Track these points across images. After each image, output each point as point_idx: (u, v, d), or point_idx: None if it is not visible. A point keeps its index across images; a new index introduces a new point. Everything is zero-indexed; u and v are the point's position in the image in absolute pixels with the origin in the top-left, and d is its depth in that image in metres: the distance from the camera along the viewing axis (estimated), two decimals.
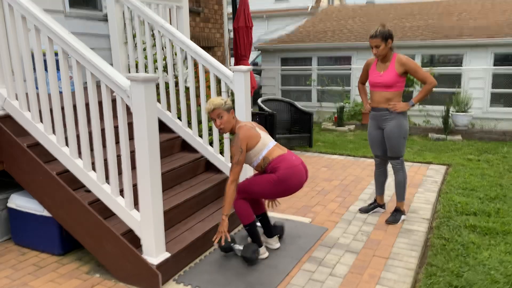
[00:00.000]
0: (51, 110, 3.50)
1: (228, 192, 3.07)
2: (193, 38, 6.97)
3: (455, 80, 9.43)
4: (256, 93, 12.28)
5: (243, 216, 3.24)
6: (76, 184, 3.31)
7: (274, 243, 3.49)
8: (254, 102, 10.98)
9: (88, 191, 3.28)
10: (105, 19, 5.13)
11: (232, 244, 3.33)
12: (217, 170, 4.37)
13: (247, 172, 4.11)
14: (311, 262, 3.30)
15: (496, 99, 9.18)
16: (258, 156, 3.17)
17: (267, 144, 3.20)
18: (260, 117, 6.66)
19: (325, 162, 6.33)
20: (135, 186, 3.39)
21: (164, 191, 3.79)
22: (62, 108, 3.57)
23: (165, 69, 4.64)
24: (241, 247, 3.28)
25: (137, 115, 2.75)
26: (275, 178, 3.11)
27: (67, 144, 3.43)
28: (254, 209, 3.44)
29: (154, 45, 4.72)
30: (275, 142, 3.28)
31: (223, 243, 3.15)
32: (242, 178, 4.12)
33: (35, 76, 3.94)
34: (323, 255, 3.41)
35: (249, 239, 3.48)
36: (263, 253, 3.32)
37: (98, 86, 4.61)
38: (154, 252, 2.92)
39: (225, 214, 3.11)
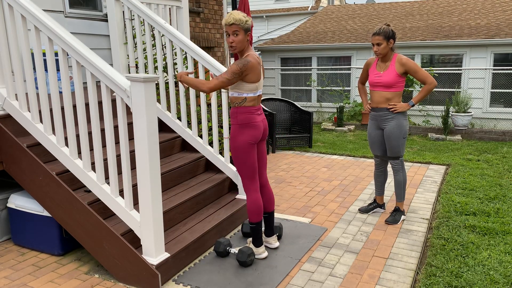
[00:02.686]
0: (51, 110, 3.50)
1: (198, 83, 2.97)
2: (193, 38, 6.97)
3: (455, 80, 9.43)
4: None
5: (253, 214, 3.21)
6: (76, 184, 3.31)
7: (273, 242, 3.49)
8: None
9: (88, 191, 3.29)
10: (105, 19, 5.14)
11: (228, 249, 3.34)
12: (217, 170, 4.37)
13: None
14: (311, 262, 3.31)
15: (495, 99, 9.19)
16: (241, 92, 3.06)
17: (255, 90, 3.10)
18: None
19: (325, 162, 6.34)
20: (135, 186, 3.40)
21: (164, 191, 3.80)
22: (62, 108, 3.58)
23: (165, 69, 4.64)
24: (236, 251, 3.28)
25: (137, 115, 2.75)
26: (235, 127, 3.10)
27: (67, 144, 3.44)
28: (265, 206, 3.43)
29: (154, 45, 4.73)
30: (261, 92, 3.22)
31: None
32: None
33: (35, 76, 3.95)
34: (322, 255, 3.41)
35: (249, 240, 3.48)
36: (262, 252, 3.32)
37: (98, 86, 4.64)
38: (154, 252, 2.92)
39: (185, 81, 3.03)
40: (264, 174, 3.41)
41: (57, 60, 4.14)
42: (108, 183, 3.21)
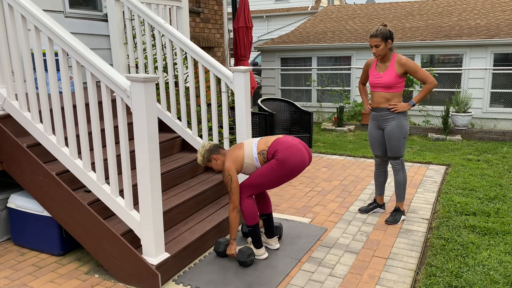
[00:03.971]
0: (51, 110, 3.50)
1: (231, 219, 3.18)
2: (193, 38, 6.98)
3: (455, 80, 9.44)
4: (256, 93, 12.29)
5: (248, 217, 3.22)
6: (76, 184, 3.31)
7: (274, 243, 3.49)
8: (254, 102, 11.01)
9: (88, 191, 3.29)
10: (105, 19, 5.14)
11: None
12: None
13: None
14: (311, 262, 3.31)
15: (495, 99, 9.19)
16: (254, 157, 3.17)
17: (252, 143, 3.19)
18: (260, 117, 6.66)
19: (325, 162, 6.34)
20: (135, 186, 3.40)
21: (164, 191, 3.80)
22: (62, 108, 3.58)
23: (165, 69, 4.64)
24: (236, 251, 3.28)
25: (137, 115, 2.75)
26: (275, 162, 3.08)
27: (67, 144, 3.44)
28: (261, 208, 3.44)
29: (154, 45, 4.73)
30: (259, 138, 3.26)
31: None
32: (241, 179, 4.12)
33: (35, 76, 3.95)
34: (322, 255, 3.41)
35: (249, 240, 3.48)
36: (263, 253, 3.32)
37: (98, 86, 4.64)
38: (154, 252, 2.92)
39: (233, 239, 3.25)
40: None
41: (57, 60, 4.14)
42: (108, 183, 3.21)
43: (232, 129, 5.80)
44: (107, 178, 3.45)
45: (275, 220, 4.09)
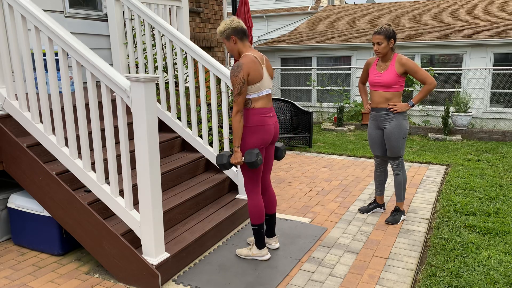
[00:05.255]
0: (51, 110, 3.50)
1: (235, 124, 2.98)
2: (193, 38, 6.98)
3: (455, 80, 9.44)
4: None
5: (255, 216, 3.20)
6: (76, 184, 3.31)
7: (274, 243, 3.49)
8: None
9: (88, 191, 3.29)
10: (105, 19, 5.14)
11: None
12: (217, 170, 4.37)
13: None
14: (311, 262, 3.31)
15: (495, 99, 9.19)
16: (247, 95, 3.05)
17: (261, 90, 3.07)
18: None
19: (325, 162, 6.34)
20: (135, 186, 3.40)
21: (164, 191, 3.80)
22: (62, 108, 3.58)
23: (165, 69, 4.64)
24: (242, 158, 3.11)
25: (137, 115, 2.75)
26: (246, 129, 3.05)
27: (67, 144, 3.44)
28: (266, 208, 3.42)
29: (154, 45, 4.73)
30: (269, 91, 3.17)
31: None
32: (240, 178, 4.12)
33: (35, 76, 3.95)
34: (322, 255, 3.41)
35: (251, 239, 3.47)
36: (265, 254, 3.31)
37: (98, 86, 4.64)
38: (154, 252, 2.92)
39: (237, 146, 3.04)
40: (268, 177, 3.39)
41: (57, 60, 4.14)
42: (108, 183, 3.21)
43: (232, 129, 5.81)
44: (107, 178, 3.45)
45: (277, 216, 4.09)
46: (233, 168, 4.16)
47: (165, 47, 4.54)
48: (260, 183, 3.22)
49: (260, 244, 3.30)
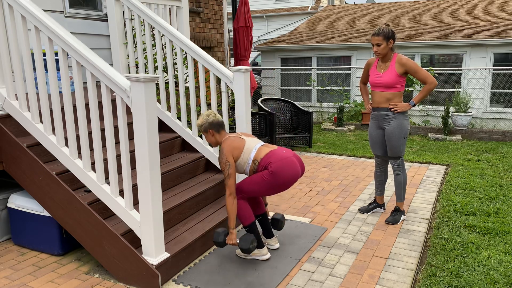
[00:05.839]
0: (51, 110, 3.50)
1: (228, 207, 3.12)
2: (193, 38, 6.97)
3: (455, 80, 9.44)
4: (256, 93, 12.29)
5: (243, 217, 3.24)
6: (76, 184, 3.31)
7: (273, 243, 3.49)
8: (254, 102, 11.01)
9: (88, 191, 3.29)
10: (105, 19, 5.14)
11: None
12: (217, 170, 4.37)
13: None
14: (311, 262, 3.31)
15: (495, 99, 9.19)
16: (248, 162, 3.18)
17: (253, 148, 3.20)
18: (260, 117, 6.66)
19: (325, 162, 6.34)
20: (135, 186, 3.40)
21: (164, 191, 3.80)
22: (62, 108, 3.58)
23: (165, 69, 4.64)
24: (238, 240, 3.25)
25: (137, 115, 2.75)
26: (268, 173, 3.10)
27: (67, 144, 3.44)
28: (254, 209, 3.44)
29: (154, 45, 4.72)
30: (262, 143, 3.27)
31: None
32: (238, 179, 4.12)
33: (35, 76, 3.95)
34: (322, 255, 3.41)
35: None
36: (265, 253, 3.31)
37: (98, 86, 4.64)
38: (154, 252, 2.92)
39: (232, 228, 3.17)
40: None
41: (57, 60, 4.14)
42: (108, 183, 3.21)
43: (232, 129, 5.80)
44: (107, 178, 3.45)
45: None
46: None
47: (165, 47, 4.54)
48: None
49: (258, 244, 3.30)
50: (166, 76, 4.77)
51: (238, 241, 3.17)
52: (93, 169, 3.39)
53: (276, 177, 3.09)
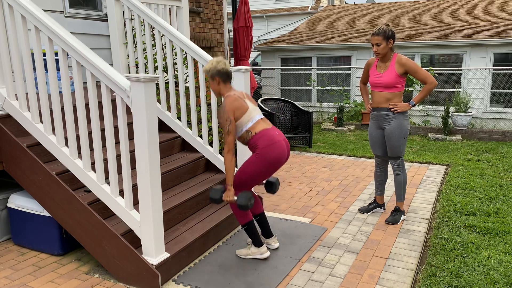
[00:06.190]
0: (51, 110, 3.50)
1: (227, 163, 3.05)
2: (193, 38, 6.97)
3: (455, 80, 9.44)
4: (256, 93, 12.29)
5: (240, 216, 3.24)
6: (76, 184, 3.31)
7: (273, 243, 3.49)
8: None
9: (88, 191, 3.29)
10: (105, 19, 5.14)
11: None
12: (217, 170, 4.37)
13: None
14: (311, 262, 3.31)
15: (495, 99, 9.19)
16: (243, 128, 3.15)
17: (252, 118, 3.16)
18: None
19: (325, 162, 6.34)
20: (135, 186, 3.40)
21: (164, 191, 3.80)
22: (62, 108, 3.58)
23: (165, 69, 4.64)
24: (234, 197, 3.17)
25: (137, 115, 2.75)
26: (255, 156, 3.11)
27: (67, 144, 3.44)
28: (252, 209, 3.43)
29: (154, 45, 4.72)
30: (262, 116, 3.25)
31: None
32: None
33: (35, 76, 3.95)
34: (322, 255, 3.41)
35: (248, 240, 3.47)
36: (265, 252, 3.31)
37: (98, 86, 4.64)
38: (154, 252, 2.92)
39: (230, 184, 3.11)
40: None
41: (57, 60, 4.14)
42: (108, 183, 3.21)
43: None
44: (107, 178, 3.45)
45: (275, 219, 4.09)
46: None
47: (165, 47, 4.54)
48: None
49: (257, 243, 3.30)
50: (166, 76, 4.78)
51: (235, 198, 3.12)
52: (93, 169, 3.39)
53: (263, 160, 3.09)
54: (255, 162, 3.11)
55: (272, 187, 3.42)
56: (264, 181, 3.46)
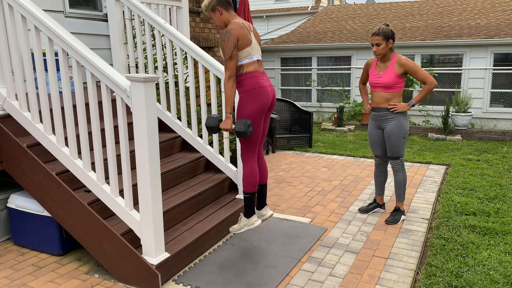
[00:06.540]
0: (51, 110, 3.50)
1: (228, 90, 2.97)
2: (193, 38, 6.97)
3: (455, 80, 9.44)
4: None
5: (250, 184, 3.19)
6: (76, 184, 3.31)
7: (266, 212, 3.47)
8: None
9: (88, 191, 3.29)
10: (105, 19, 5.14)
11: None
12: (217, 170, 4.37)
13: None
14: (311, 262, 3.31)
15: (495, 99, 9.19)
16: (238, 61, 3.07)
17: (251, 55, 3.09)
18: None
19: (325, 162, 6.34)
20: (135, 186, 3.40)
21: (164, 191, 3.80)
22: (62, 108, 3.58)
23: (165, 69, 4.64)
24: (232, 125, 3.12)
25: (137, 115, 2.75)
26: (242, 96, 3.06)
27: (67, 144, 3.44)
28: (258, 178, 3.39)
29: (154, 45, 4.73)
30: (259, 57, 3.19)
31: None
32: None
33: (35, 76, 3.95)
34: (322, 255, 3.41)
35: (241, 215, 3.44)
36: (255, 221, 3.29)
37: (98, 86, 4.64)
38: (154, 252, 2.92)
39: (229, 112, 3.03)
40: (261, 146, 3.41)
41: (57, 60, 4.14)
42: (108, 183, 3.21)
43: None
44: (107, 178, 3.45)
45: (276, 219, 4.09)
46: (233, 168, 4.16)
47: (165, 47, 4.54)
48: (256, 152, 3.22)
49: (249, 213, 3.28)
50: (166, 76, 4.78)
51: (233, 126, 3.06)
52: (93, 169, 3.39)
53: (249, 97, 3.04)
54: (244, 100, 3.05)
55: (271, 123, 3.37)
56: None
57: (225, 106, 3.03)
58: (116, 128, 3.83)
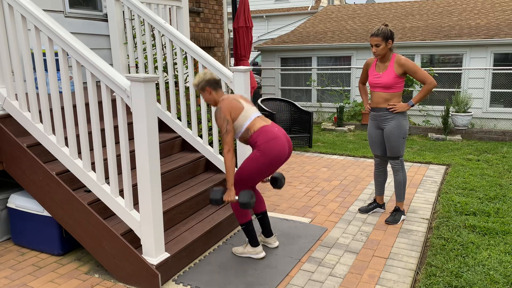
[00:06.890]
0: (51, 110, 3.50)
1: (227, 163, 3.04)
2: (193, 38, 6.97)
3: (455, 80, 9.44)
4: (256, 93, 12.29)
5: (240, 214, 3.23)
6: (76, 184, 3.31)
7: (273, 242, 3.49)
8: (254, 102, 11.00)
9: (88, 191, 3.29)
10: (105, 19, 5.14)
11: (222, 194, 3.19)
12: (217, 170, 4.37)
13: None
14: (311, 262, 3.31)
15: (495, 99, 9.19)
16: (242, 128, 3.15)
17: (249, 116, 3.16)
18: None
19: (325, 162, 6.34)
20: (135, 186, 3.40)
21: (164, 191, 3.80)
22: (62, 108, 3.58)
23: (165, 69, 4.64)
24: (235, 197, 3.15)
25: (137, 115, 2.75)
26: (256, 152, 3.09)
27: (67, 144, 3.44)
28: (254, 207, 3.43)
29: (154, 45, 4.73)
30: (259, 114, 3.25)
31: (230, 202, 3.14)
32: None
33: (35, 76, 3.95)
34: (322, 255, 3.41)
35: (246, 242, 3.47)
36: (260, 252, 3.32)
37: (98, 86, 4.64)
38: (154, 252, 2.92)
39: (231, 184, 3.09)
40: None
41: (57, 60, 4.14)
42: (108, 183, 3.21)
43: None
44: (107, 178, 3.45)
45: (276, 219, 4.09)
46: None
47: (165, 47, 4.54)
48: None
49: (253, 242, 3.31)
50: (166, 76, 4.78)
51: (237, 198, 3.10)
52: (93, 169, 3.39)
53: (264, 157, 3.07)
54: (256, 158, 3.09)
55: (277, 183, 3.39)
56: (267, 179, 3.46)
57: (227, 179, 3.11)
58: (116, 128, 3.83)
